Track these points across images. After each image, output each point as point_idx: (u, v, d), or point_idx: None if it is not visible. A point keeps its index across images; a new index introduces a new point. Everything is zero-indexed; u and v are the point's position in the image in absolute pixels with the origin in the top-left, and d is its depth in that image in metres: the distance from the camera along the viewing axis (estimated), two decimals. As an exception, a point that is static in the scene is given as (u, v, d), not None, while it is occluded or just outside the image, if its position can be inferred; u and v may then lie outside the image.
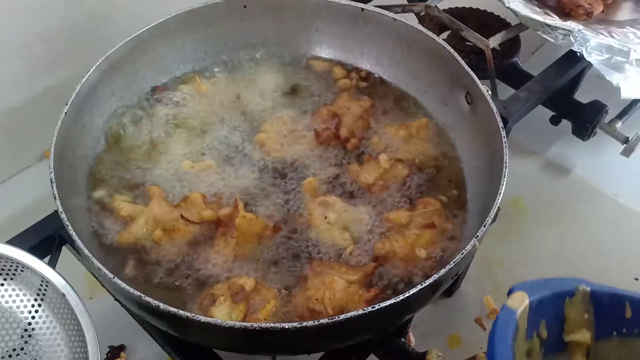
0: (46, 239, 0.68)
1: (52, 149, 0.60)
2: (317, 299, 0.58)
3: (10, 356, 0.57)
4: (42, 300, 0.59)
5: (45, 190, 0.94)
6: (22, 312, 0.59)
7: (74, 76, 0.94)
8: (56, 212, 0.70)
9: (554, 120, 1.02)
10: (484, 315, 0.86)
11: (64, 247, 0.71)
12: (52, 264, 0.67)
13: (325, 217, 0.65)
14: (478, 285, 0.89)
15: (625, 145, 0.96)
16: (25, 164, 1.01)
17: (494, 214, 0.57)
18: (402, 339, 0.68)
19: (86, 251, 0.53)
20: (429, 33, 0.74)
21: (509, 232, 0.94)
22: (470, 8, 1.08)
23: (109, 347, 0.79)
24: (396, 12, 0.93)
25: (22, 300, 0.59)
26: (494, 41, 0.91)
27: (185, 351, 0.62)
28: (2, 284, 0.58)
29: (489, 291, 0.88)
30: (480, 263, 0.89)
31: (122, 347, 0.79)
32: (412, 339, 0.75)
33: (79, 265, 0.72)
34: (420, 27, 0.76)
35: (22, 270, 0.58)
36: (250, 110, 0.77)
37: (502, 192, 0.58)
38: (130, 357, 0.79)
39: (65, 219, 0.55)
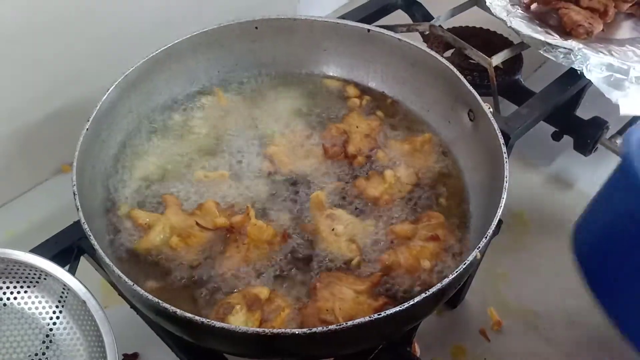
0: (65, 250, 0.71)
1: (75, 163, 0.63)
2: (327, 310, 0.60)
3: None
4: (62, 307, 0.61)
5: (61, 203, 0.99)
6: (43, 319, 0.61)
7: (89, 95, 0.98)
8: (75, 223, 0.74)
9: (556, 136, 1.04)
10: (488, 327, 0.88)
11: (81, 258, 0.74)
12: (71, 273, 0.70)
13: (333, 229, 0.67)
14: (482, 297, 0.91)
15: (625, 160, 0.98)
16: (41, 177, 1.04)
17: (494, 225, 0.59)
18: (408, 348, 0.70)
19: (107, 260, 0.56)
20: (433, 53, 0.77)
21: (512, 245, 0.96)
22: (474, 27, 1.11)
23: (123, 355, 0.81)
24: (401, 32, 0.97)
25: (44, 307, 0.62)
26: (497, 59, 0.94)
27: (198, 358, 0.65)
28: (26, 291, 0.61)
29: (492, 303, 0.90)
30: (484, 275, 0.91)
31: (135, 355, 0.82)
32: (417, 350, 0.77)
33: (95, 276, 0.75)
34: (424, 47, 0.79)
35: (44, 278, 0.61)
36: (262, 124, 0.80)
37: (503, 205, 0.61)
38: (143, 365, 0.81)
39: (88, 229, 0.58)
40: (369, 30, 0.81)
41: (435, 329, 0.87)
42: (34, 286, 0.62)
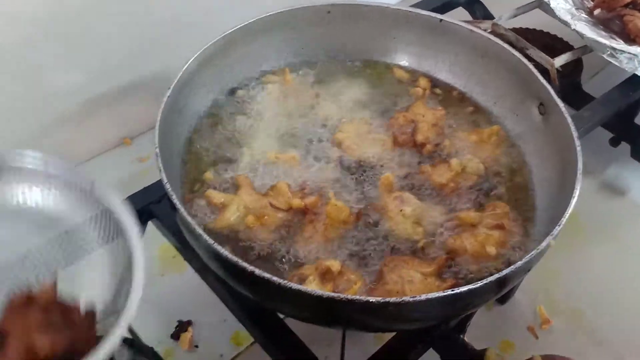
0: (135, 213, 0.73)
1: (157, 126, 0.65)
2: (397, 292, 0.61)
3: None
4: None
5: (122, 174, 1.02)
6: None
7: (156, 72, 1.01)
8: (145, 189, 0.76)
9: (613, 142, 1.04)
10: (537, 325, 0.88)
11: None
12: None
13: (401, 210, 0.68)
14: (531, 295, 0.91)
15: (683, 170, 0.97)
16: (103, 148, 1.07)
17: (568, 214, 0.60)
18: (462, 336, 0.71)
19: (188, 218, 0.58)
20: (505, 45, 0.78)
21: (564, 245, 0.94)
22: (534, 29, 1.11)
23: (177, 321, 0.84)
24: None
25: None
26: (559, 61, 0.94)
27: (259, 322, 0.66)
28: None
29: (542, 302, 0.90)
30: (534, 274, 0.90)
31: (189, 322, 0.84)
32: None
33: (153, 244, 0.76)
34: (496, 39, 0.79)
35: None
36: (329, 110, 0.81)
37: (577, 196, 0.61)
38: (196, 332, 0.83)
39: (170, 188, 0.60)
40: (441, 20, 0.82)
41: (483, 324, 0.86)
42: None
